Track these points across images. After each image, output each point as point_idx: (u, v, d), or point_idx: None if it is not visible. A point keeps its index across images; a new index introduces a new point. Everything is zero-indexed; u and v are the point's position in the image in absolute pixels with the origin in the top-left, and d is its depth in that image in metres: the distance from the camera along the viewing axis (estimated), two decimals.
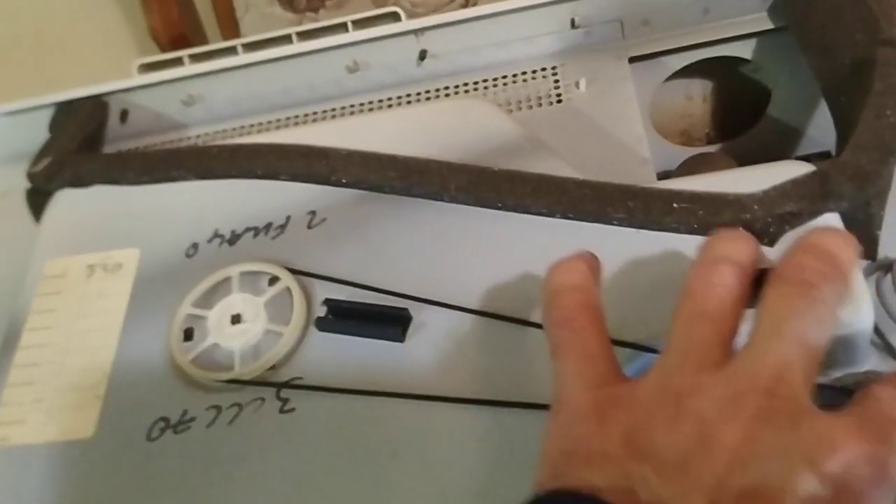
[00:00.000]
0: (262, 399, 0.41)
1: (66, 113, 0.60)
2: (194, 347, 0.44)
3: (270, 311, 0.44)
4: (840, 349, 0.38)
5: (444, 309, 0.42)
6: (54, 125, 0.60)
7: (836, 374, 0.39)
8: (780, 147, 0.63)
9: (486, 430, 0.38)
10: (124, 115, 0.62)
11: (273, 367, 0.42)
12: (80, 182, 0.54)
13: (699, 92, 0.65)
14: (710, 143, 0.66)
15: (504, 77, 0.57)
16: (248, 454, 0.40)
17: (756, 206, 0.41)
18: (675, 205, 0.41)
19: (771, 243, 0.40)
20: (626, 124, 0.52)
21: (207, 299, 0.46)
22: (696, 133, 0.67)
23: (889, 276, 0.42)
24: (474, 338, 0.41)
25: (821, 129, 0.61)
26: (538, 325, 0.40)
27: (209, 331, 0.44)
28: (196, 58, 0.61)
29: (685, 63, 0.58)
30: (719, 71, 0.62)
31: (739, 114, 0.64)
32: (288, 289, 0.44)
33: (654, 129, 0.61)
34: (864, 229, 0.41)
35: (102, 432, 0.42)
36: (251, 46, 0.60)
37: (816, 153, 0.62)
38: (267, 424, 0.40)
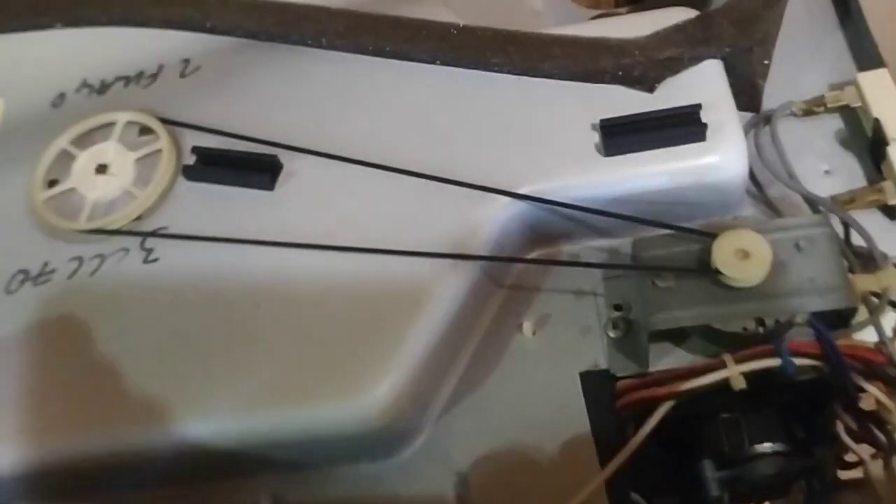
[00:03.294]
0: (127, 250, 0.40)
1: None
2: (56, 195, 0.42)
3: (140, 164, 0.42)
4: (714, 194, 0.38)
5: (317, 157, 0.40)
6: None
7: (712, 218, 0.39)
8: None
9: (349, 275, 0.37)
10: None
11: (139, 218, 0.40)
12: None
13: None
14: (618, 6, 0.64)
15: None
16: (110, 306, 0.39)
17: (637, 52, 0.40)
18: (555, 50, 0.40)
19: (650, 89, 0.39)
20: None
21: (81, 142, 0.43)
22: None
23: (768, 128, 0.41)
24: (345, 186, 0.39)
25: None
26: (410, 173, 0.39)
27: (72, 176, 0.42)
28: None
29: None
30: None
31: None
32: (157, 139, 0.42)
33: None
34: (745, 78, 0.41)
35: None
36: None
37: None
38: (130, 275, 0.39)
